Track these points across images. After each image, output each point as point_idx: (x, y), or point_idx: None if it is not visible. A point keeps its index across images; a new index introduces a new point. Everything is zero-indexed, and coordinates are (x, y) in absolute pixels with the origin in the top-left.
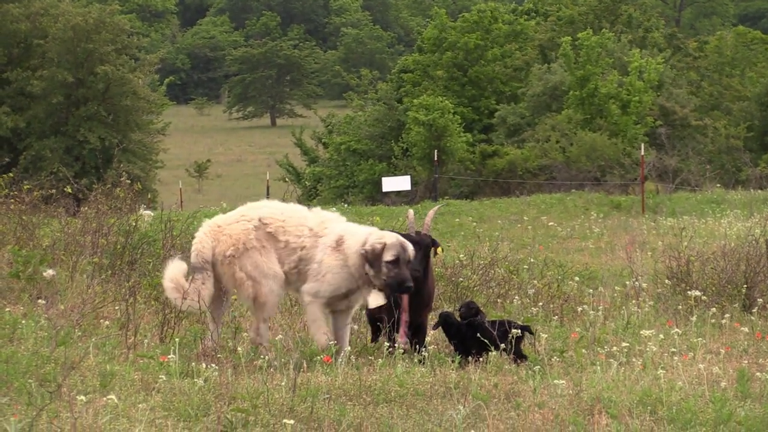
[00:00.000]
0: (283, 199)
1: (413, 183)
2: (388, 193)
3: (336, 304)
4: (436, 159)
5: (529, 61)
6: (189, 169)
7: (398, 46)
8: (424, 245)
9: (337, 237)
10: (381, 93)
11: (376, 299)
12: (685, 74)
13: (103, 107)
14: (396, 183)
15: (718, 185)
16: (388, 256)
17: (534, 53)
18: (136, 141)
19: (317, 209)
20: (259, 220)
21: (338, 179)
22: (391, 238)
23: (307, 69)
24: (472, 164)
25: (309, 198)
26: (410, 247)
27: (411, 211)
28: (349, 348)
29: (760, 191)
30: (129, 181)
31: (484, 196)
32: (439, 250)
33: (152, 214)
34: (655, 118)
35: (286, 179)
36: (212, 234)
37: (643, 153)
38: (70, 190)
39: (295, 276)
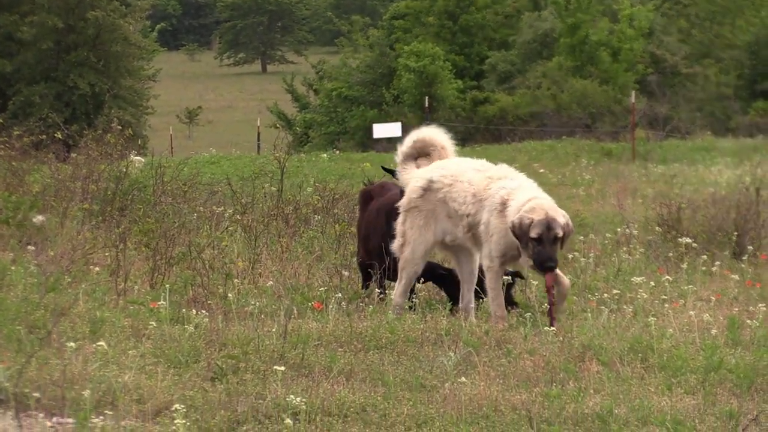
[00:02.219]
0: (274, 146)
1: (404, 130)
2: (379, 140)
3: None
4: (427, 106)
5: (520, 9)
6: (180, 115)
7: None
8: None
9: (501, 199)
10: (372, 39)
11: (524, 261)
12: (675, 22)
13: (93, 53)
14: (387, 130)
15: (709, 133)
16: (533, 233)
17: (525, 0)
18: (126, 87)
19: (491, 167)
20: (429, 181)
21: (329, 126)
22: (540, 213)
23: (298, 15)
24: (463, 111)
25: (300, 144)
26: (557, 224)
27: None
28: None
29: (750, 139)
30: (120, 127)
31: (475, 142)
32: None
33: (143, 160)
34: (645, 65)
35: (277, 126)
36: (406, 178)
37: (633, 100)
38: (60, 136)
39: (471, 241)
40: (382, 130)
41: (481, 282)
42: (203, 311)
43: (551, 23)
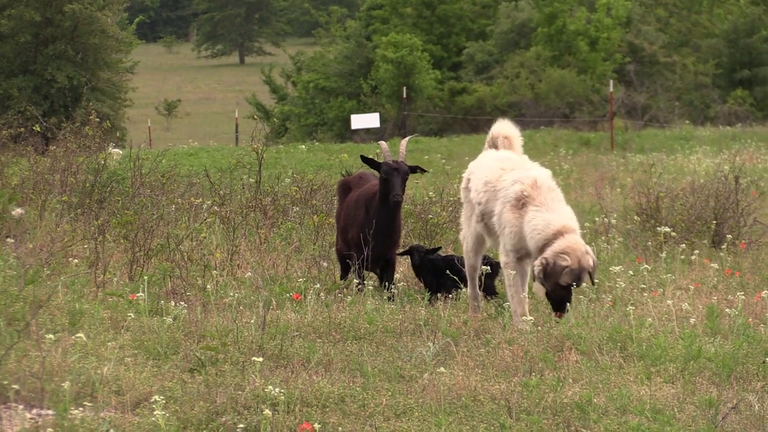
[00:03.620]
0: (252, 137)
1: (382, 120)
2: (357, 131)
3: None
4: (404, 96)
5: None
6: (158, 107)
7: None
8: (403, 172)
9: (518, 195)
10: (350, 30)
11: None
12: (653, 11)
13: (71, 46)
14: (365, 120)
15: (687, 122)
16: (562, 280)
17: None
18: (104, 80)
19: (509, 159)
20: (469, 172)
21: (307, 117)
22: (574, 260)
23: (276, 7)
24: (440, 101)
25: (278, 136)
26: (586, 274)
27: (383, 142)
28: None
29: (728, 127)
30: (98, 120)
31: (453, 133)
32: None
33: (121, 152)
34: (623, 54)
35: (255, 117)
36: None
37: (611, 89)
38: (38, 129)
39: (485, 232)
40: (360, 121)
41: (460, 272)
42: (182, 303)
43: (528, 13)
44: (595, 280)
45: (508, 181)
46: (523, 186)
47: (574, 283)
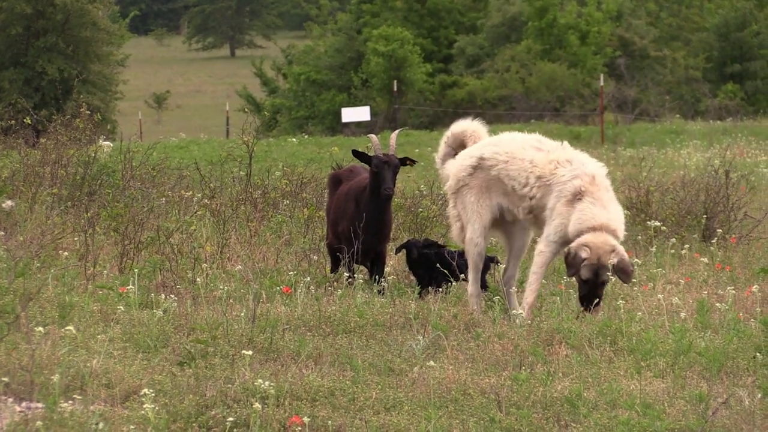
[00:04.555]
0: (242, 130)
1: (373, 114)
2: (347, 124)
3: None
4: (395, 90)
5: None
6: (148, 100)
7: None
8: (394, 165)
9: (575, 191)
10: (341, 23)
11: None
12: (643, 5)
13: (62, 39)
14: (356, 114)
15: (678, 116)
16: (582, 275)
17: None
18: (95, 72)
19: (550, 145)
20: (480, 158)
21: (298, 110)
22: (593, 255)
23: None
24: (431, 95)
25: (268, 129)
26: (605, 271)
27: (373, 135)
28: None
29: (719, 122)
30: (89, 112)
31: (444, 126)
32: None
33: (111, 145)
34: (614, 48)
35: (246, 110)
36: (451, 164)
37: (602, 83)
38: (29, 122)
39: (531, 222)
40: (351, 114)
41: (450, 265)
42: (172, 296)
43: (519, 7)
44: (631, 280)
45: (566, 176)
46: (582, 182)
47: (592, 281)
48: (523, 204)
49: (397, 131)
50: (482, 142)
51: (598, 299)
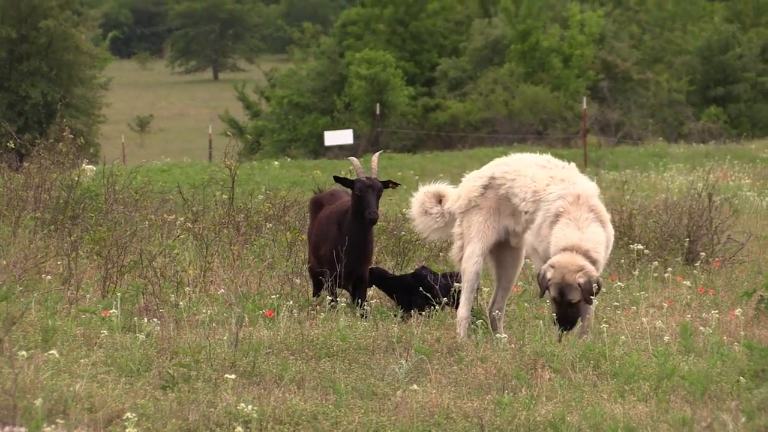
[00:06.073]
0: (225, 154)
1: (355, 137)
2: (330, 147)
3: None
4: (378, 113)
5: (470, 15)
6: (131, 123)
7: (340, 0)
8: (377, 188)
9: (556, 212)
10: (323, 47)
11: None
12: (626, 28)
13: (45, 62)
14: (338, 137)
15: (661, 139)
16: (550, 294)
17: (475, 7)
18: (78, 96)
19: (556, 165)
20: (491, 178)
21: (281, 133)
22: (557, 275)
23: (250, 23)
24: (414, 118)
25: (251, 152)
26: (572, 290)
27: (354, 159)
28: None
29: (702, 145)
30: (72, 136)
31: (427, 149)
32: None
33: (94, 168)
34: (596, 71)
35: (228, 133)
36: (459, 188)
37: (585, 106)
38: (12, 146)
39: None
40: (334, 138)
41: (432, 288)
42: (155, 319)
43: (502, 30)
44: (594, 302)
45: (553, 195)
46: (563, 202)
47: (559, 300)
48: (521, 219)
49: (377, 154)
50: (494, 162)
51: (573, 320)
